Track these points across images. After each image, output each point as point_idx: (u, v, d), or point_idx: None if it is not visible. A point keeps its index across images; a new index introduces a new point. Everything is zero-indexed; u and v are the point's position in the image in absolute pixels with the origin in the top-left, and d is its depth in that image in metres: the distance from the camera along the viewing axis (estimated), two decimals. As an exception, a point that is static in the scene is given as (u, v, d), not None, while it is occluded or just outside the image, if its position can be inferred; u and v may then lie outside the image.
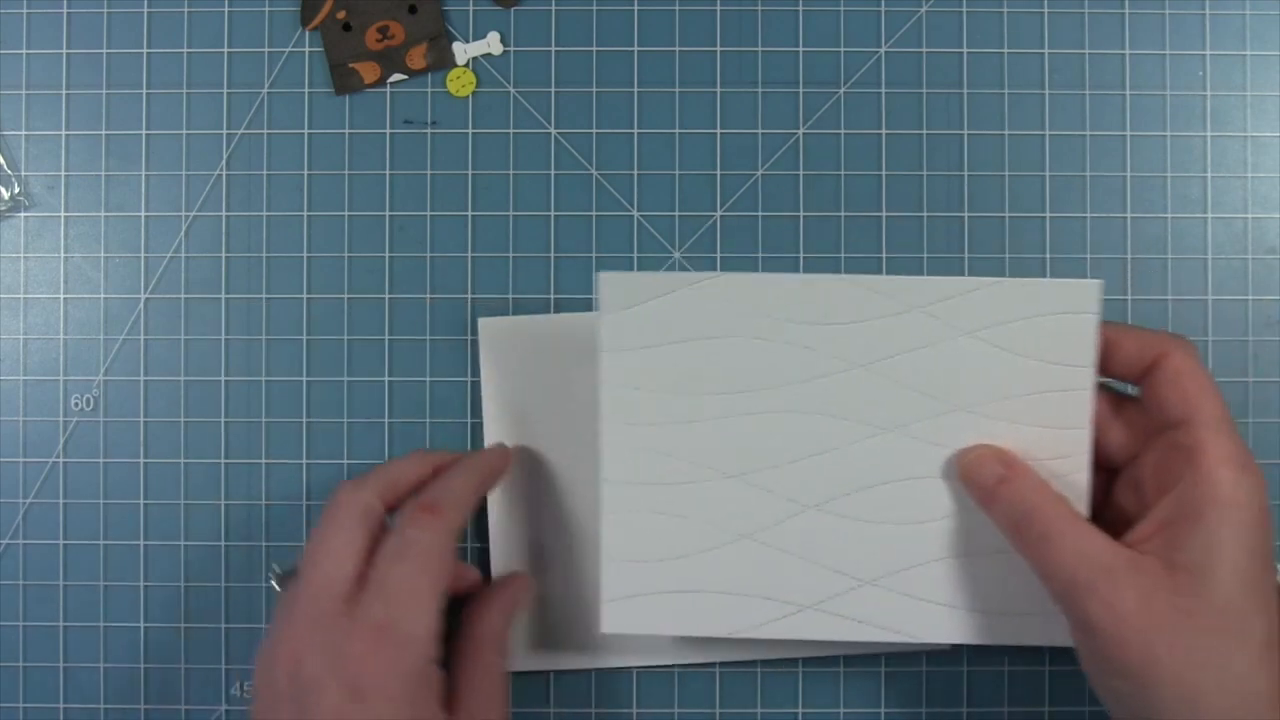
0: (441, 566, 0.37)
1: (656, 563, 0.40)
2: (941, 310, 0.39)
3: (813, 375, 0.40)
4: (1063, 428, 0.39)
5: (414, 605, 0.36)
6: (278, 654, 0.36)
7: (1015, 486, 0.38)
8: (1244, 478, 0.35)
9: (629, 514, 0.40)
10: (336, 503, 0.38)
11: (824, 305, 0.39)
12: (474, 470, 0.40)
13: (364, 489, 0.38)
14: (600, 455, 0.40)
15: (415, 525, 0.37)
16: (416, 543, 0.37)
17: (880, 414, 0.40)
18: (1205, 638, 0.34)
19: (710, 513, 0.40)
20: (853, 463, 0.40)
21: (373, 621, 0.36)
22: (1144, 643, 0.34)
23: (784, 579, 0.40)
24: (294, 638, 0.36)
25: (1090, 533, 0.36)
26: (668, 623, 0.41)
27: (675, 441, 0.40)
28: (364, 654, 0.35)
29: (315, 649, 0.36)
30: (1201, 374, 0.37)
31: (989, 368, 0.39)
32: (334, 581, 0.37)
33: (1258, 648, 0.34)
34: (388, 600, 0.36)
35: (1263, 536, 0.35)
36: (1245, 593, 0.34)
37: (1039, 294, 0.39)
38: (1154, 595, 0.35)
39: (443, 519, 0.38)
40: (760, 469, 0.40)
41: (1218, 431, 0.36)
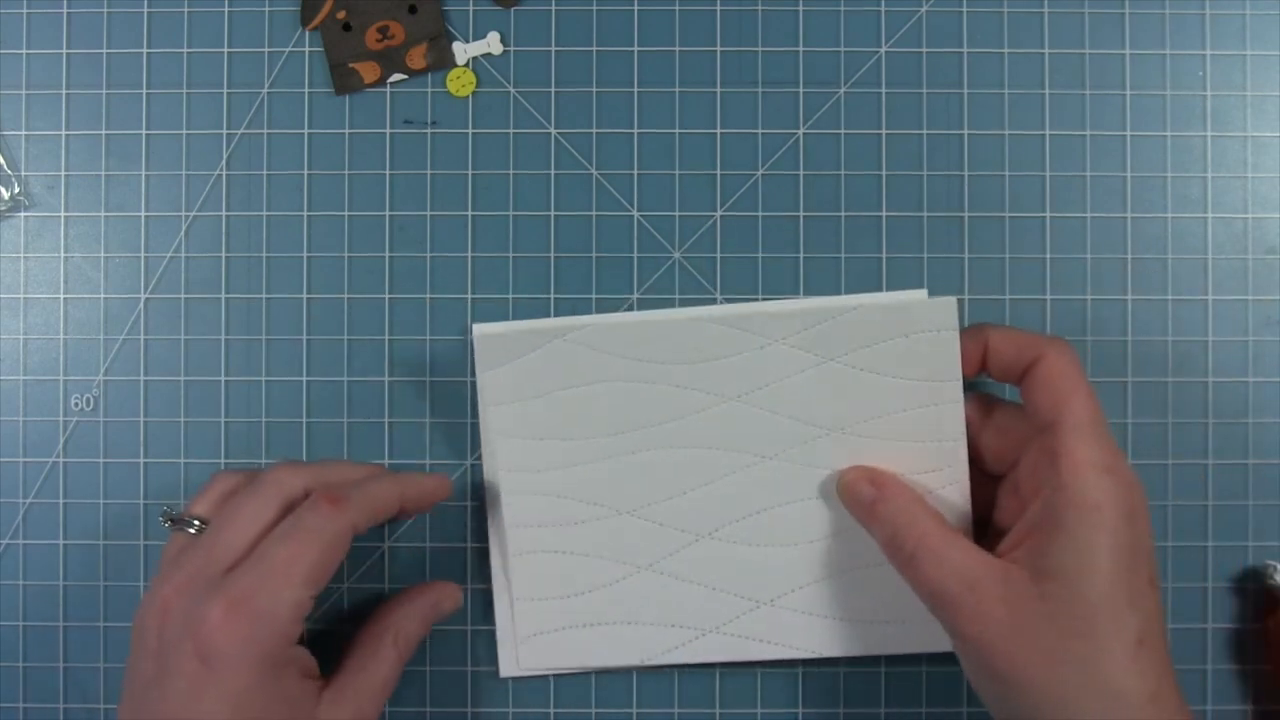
0: (324, 556, 0.37)
1: (563, 599, 0.42)
2: (804, 341, 0.41)
3: (689, 411, 0.42)
4: (937, 441, 0.41)
5: (282, 584, 0.36)
6: (150, 608, 0.37)
7: (885, 507, 0.39)
8: (1106, 480, 0.35)
9: (534, 555, 0.42)
10: (266, 479, 0.38)
11: (691, 344, 0.41)
12: (400, 482, 0.40)
13: (299, 475, 0.39)
14: (500, 502, 0.42)
15: (312, 510, 0.37)
16: (306, 527, 0.37)
17: (759, 442, 0.42)
18: (1071, 641, 0.35)
19: (609, 548, 0.42)
20: (738, 491, 0.42)
21: (235, 592, 0.36)
22: (1011, 649, 0.35)
23: (684, 606, 0.42)
24: (168, 595, 0.36)
25: (958, 546, 0.37)
26: (579, 656, 0.43)
27: (568, 483, 0.42)
28: (218, 622, 0.35)
29: (182, 610, 0.36)
30: (1072, 376, 0.37)
31: (859, 389, 0.41)
32: (224, 549, 0.37)
33: (1128, 648, 0.34)
34: (259, 575, 0.36)
35: (1131, 537, 0.35)
36: (1112, 595, 0.35)
37: (898, 315, 0.40)
38: (1020, 603, 0.35)
39: (343, 512, 0.37)
40: (652, 503, 0.42)
41: (1081, 434, 0.36)
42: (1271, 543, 0.44)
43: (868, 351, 0.41)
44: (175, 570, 0.37)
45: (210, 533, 0.37)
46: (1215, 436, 0.43)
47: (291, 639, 0.36)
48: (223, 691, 0.35)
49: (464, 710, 0.44)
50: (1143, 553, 0.36)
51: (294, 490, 0.38)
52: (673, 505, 0.42)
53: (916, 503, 0.39)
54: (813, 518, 0.42)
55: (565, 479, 0.42)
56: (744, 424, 0.41)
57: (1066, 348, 0.37)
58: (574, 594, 0.42)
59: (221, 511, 0.38)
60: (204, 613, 0.35)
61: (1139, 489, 0.36)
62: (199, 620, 0.35)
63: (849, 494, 0.40)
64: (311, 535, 0.36)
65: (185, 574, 0.37)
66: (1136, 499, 0.36)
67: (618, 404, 0.42)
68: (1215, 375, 0.43)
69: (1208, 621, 0.44)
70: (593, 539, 0.42)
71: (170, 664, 0.35)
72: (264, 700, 0.35)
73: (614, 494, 0.42)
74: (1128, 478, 0.36)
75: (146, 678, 0.36)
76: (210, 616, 0.35)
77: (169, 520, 0.39)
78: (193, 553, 0.37)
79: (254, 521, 0.37)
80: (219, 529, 0.37)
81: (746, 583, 0.42)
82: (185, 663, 0.35)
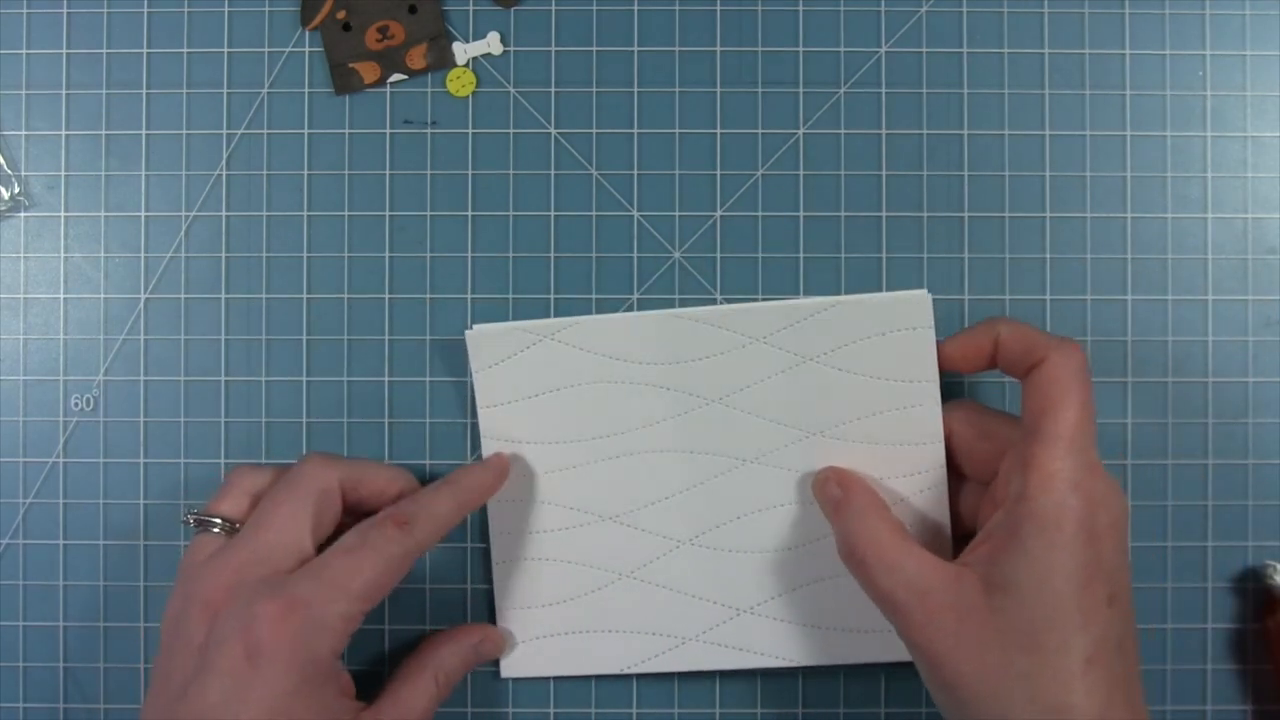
0: (384, 575, 0.37)
1: (546, 607, 0.42)
2: (784, 339, 0.41)
3: (673, 413, 0.42)
4: (916, 443, 0.40)
5: (339, 595, 0.36)
6: (192, 606, 0.36)
7: (846, 510, 0.39)
8: (1071, 496, 0.35)
9: (518, 562, 0.42)
10: (303, 473, 0.39)
11: (675, 344, 0.41)
12: (459, 491, 0.40)
13: (333, 470, 0.39)
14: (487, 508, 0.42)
15: (379, 529, 0.37)
16: (371, 544, 0.37)
17: (741, 446, 0.42)
18: (1016, 655, 0.34)
19: (592, 555, 0.42)
20: (721, 496, 0.42)
21: (291, 595, 0.36)
22: (958, 660, 0.35)
23: (666, 614, 0.42)
24: (215, 595, 0.36)
25: (911, 554, 0.37)
26: (563, 664, 0.43)
27: (552, 489, 0.42)
28: (272, 622, 0.35)
29: (232, 609, 0.36)
30: (1067, 385, 0.36)
31: (838, 390, 0.41)
32: (269, 549, 0.37)
33: (1075, 666, 0.34)
34: (317, 583, 0.36)
35: (1090, 555, 0.34)
36: (1061, 612, 0.34)
37: (872, 313, 0.40)
38: (969, 614, 0.35)
39: (411, 537, 0.38)
40: (635, 509, 0.42)
41: (1055, 446, 0.35)
42: (1271, 543, 0.43)
43: (845, 351, 0.40)
44: (215, 570, 0.37)
45: (249, 532, 0.37)
46: (1215, 436, 0.43)
47: (338, 651, 0.37)
48: (266, 693, 0.35)
49: (464, 710, 0.44)
50: (1102, 572, 0.34)
51: (329, 486, 0.39)
52: (654, 511, 0.42)
53: (874, 509, 0.38)
54: (793, 523, 0.42)
55: (549, 484, 0.42)
56: (726, 426, 0.41)
57: (1073, 353, 0.36)
58: (555, 602, 0.42)
59: (258, 512, 0.38)
60: (257, 612, 0.35)
61: (1111, 506, 0.35)
62: (251, 619, 0.35)
63: (818, 494, 0.41)
64: (375, 554, 0.37)
65: (231, 574, 0.36)
66: (1104, 516, 0.35)
67: (604, 407, 0.42)
68: (1215, 375, 0.43)
69: (1208, 621, 0.44)
70: (574, 546, 0.42)
71: (215, 662, 0.35)
72: (304, 707, 0.35)
73: (596, 499, 0.42)
74: (1097, 494, 0.35)
75: (184, 675, 0.36)
76: (264, 615, 0.35)
77: (196, 521, 0.39)
78: (233, 553, 0.37)
79: (294, 520, 0.37)
80: (260, 529, 0.37)
81: (726, 590, 0.42)
82: (231, 661, 0.35)
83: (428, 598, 0.43)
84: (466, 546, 0.44)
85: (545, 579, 0.42)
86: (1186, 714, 0.43)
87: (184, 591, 0.37)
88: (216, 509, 0.39)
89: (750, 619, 0.42)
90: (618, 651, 0.42)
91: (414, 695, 0.40)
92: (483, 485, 0.41)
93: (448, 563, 0.44)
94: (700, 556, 0.42)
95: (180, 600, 0.37)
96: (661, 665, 0.42)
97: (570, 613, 0.42)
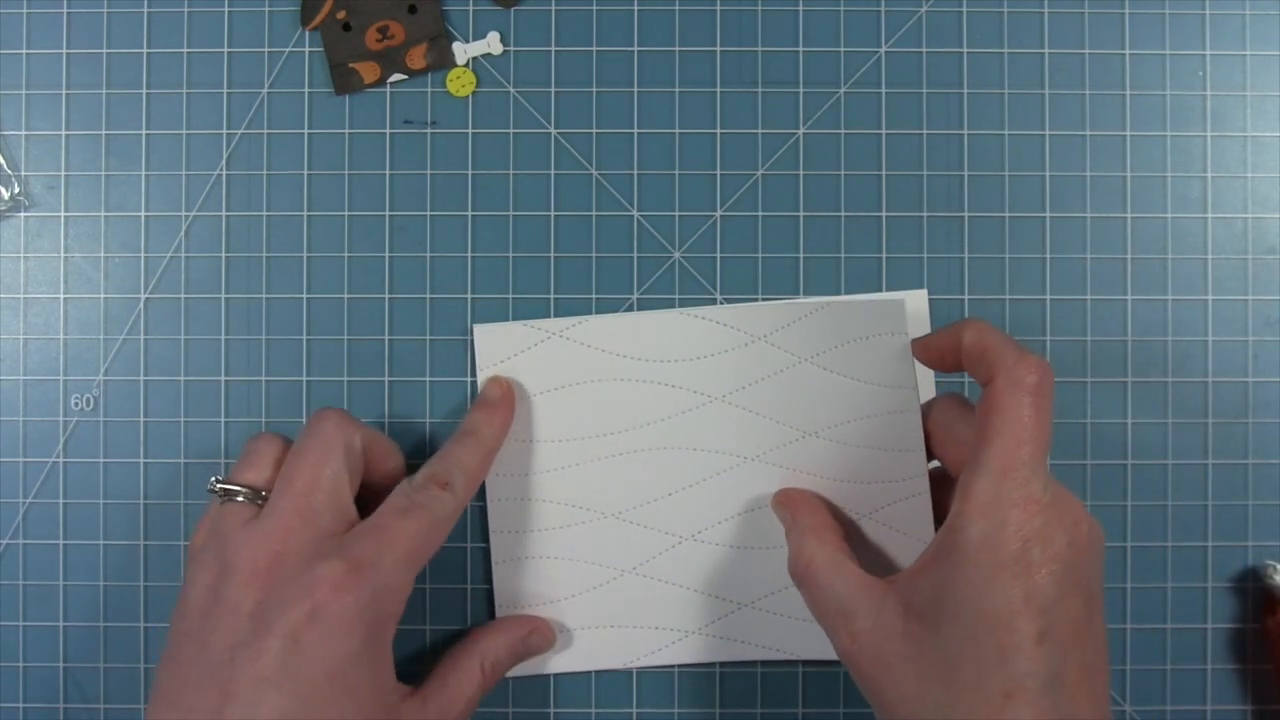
0: (437, 538, 0.38)
1: (547, 605, 0.43)
2: (782, 339, 0.41)
3: (676, 411, 0.42)
4: (899, 449, 0.40)
5: (402, 560, 0.36)
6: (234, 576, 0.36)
7: (790, 532, 0.39)
8: (997, 530, 0.33)
9: (518, 561, 0.43)
10: (328, 431, 0.38)
11: (680, 342, 0.42)
12: (484, 441, 0.41)
13: (355, 429, 0.39)
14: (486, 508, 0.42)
15: (426, 493, 0.38)
16: (425, 508, 0.37)
17: (741, 444, 0.42)
18: (929, 685, 0.33)
19: (593, 553, 0.42)
20: (721, 492, 0.42)
21: (356, 556, 0.36)
22: (880, 685, 0.35)
23: (667, 609, 0.42)
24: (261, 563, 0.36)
25: (841, 575, 0.37)
26: (564, 661, 0.43)
27: (554, 487, 0.42)
28: (339, 582, 0.35)
29: (291, 576, 0.35)
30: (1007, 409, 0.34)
31: (828, 392, 0.41)
32: (319, 514, 0.37)
33: (991, 702, 0.32)
34: (379, 544, 0.36)
35: (1017, 590, 0.33)
36: (978, 646, 0.33)
37: (853, 316, 0.41)
38: (888, 639, 0.35)
39: (455, 497, 0.38)
40: (636, 506, 0.42)
41: (985, 476, 0.34)
42: (1271, 543, 0.44)
43: (834, 354, 0.41)
44: (258, 536, 0.36)
45: (290, 496, 0.37)
46: (1215, 436, 0.43)
47: (397, 616, 0.37)
48: (328, 654, 0.35)
49: (464, 710, 0.44)
50: (1031, 607, 0.33)
51: (354, 445, 0.38)
52: (657, 508, 0.42)
53: (815, 530, 0.38)
54: None
55: (551, 483, 0.42)
56: (727, 425, 0.42)
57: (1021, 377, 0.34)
58: (556, 600, 0.43)
59: (292, 474, 0.37)
60: (321, 574, 0.35)
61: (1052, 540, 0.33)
62: (314, 582, 0.35)
63: (776, 513, 0.41)
64: (428, 514, 0.37)
65: (277, 540, 0.36)
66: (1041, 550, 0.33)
67: (608, 405, 0.42)
68: (1215, 375, 0.43)
69: (1208, 621, 0.44)
70: (576, 543, 0.42)
71: (273, 625, 0.35)
72: (363, 673, 0.35)
73: (597, 497, 0.42)
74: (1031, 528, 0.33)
75: (231, 641, 0.35)
76: (328, 578, 0.35)
77: (223, 489, 0.38)
78: (276, 518, 0.36)
79: (336, 481, 0.37)
80: (302, 492, 0.37)
81: (728, 585, 0.42)
82: (293, 624, 0.34)
83: (428, 598, 0.44)
84: (466, 546, 0.44)
85: (546, 577, 0.42)
86: (1186, 714, 0.43)
87: (220, 561, 0.36)
88: (243, 478, 0.38)
89: (751, 613, 0.42)
90: (619, 647, 0.43)
91: (460, 682, 0.40)
92: (503, 425, 0.41)
93: (448, 562, 0.44)
94: (702, 552, 0.42)
95: (215, 570, 0.36)
96: (663, 659, 0.43)
97: (571, 610, 0.42)
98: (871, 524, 0.41)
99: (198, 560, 0.37)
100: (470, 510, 0.43)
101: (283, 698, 0.34)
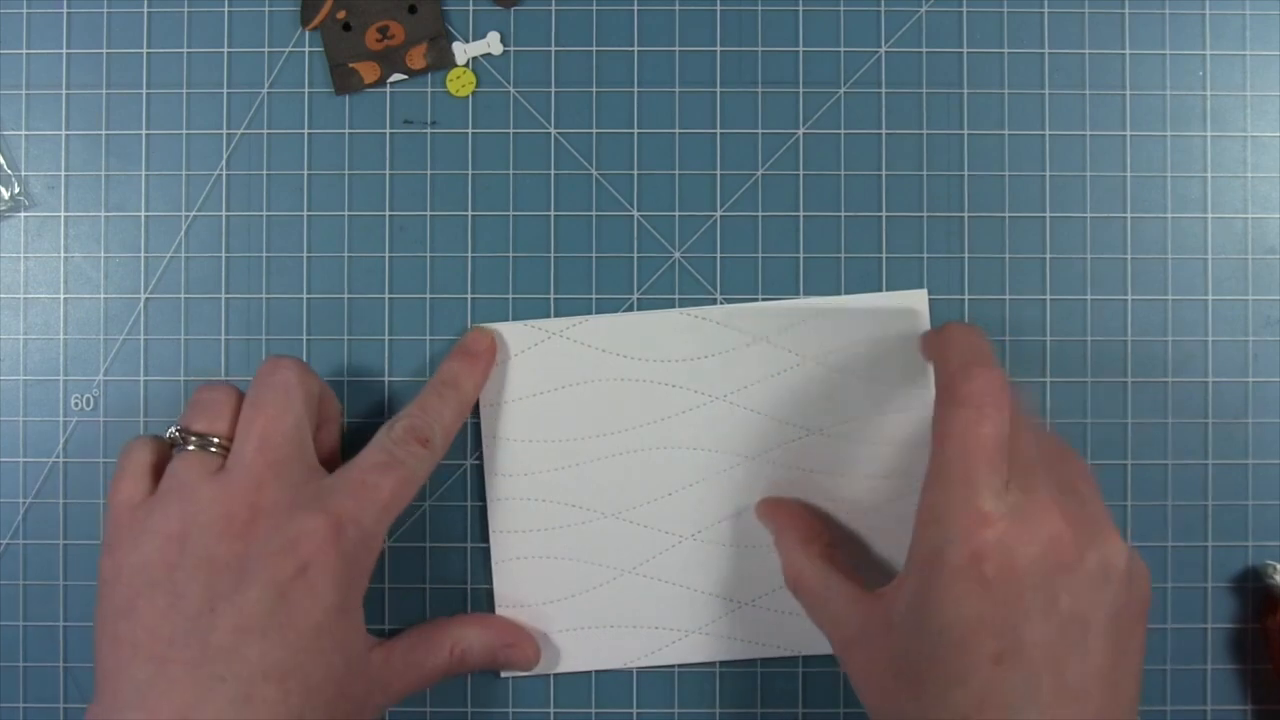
0: (410, 494, 0.38)
1: (547, 605, 0.43)
2: (787, 338, 0.42)
3: (676, 411, 0.42)
4: (910, 445, 0.41)
5: (381, 514, 0.37)
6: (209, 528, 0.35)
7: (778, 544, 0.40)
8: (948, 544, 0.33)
9: (518, 561, 0.42)
10: (288, 381, 0.38)
11: (680, 342, 0.42)
12: (462, 396, 0.41)
13: (312, 379, 0.39)
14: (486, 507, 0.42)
15: (405, 448, 0.38)
16: (404, 465, 0.38)
17: (743, 443, 0.42)
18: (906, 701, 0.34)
19: (592, 552, 0.42)
20: (722, 491, 0.42)
21: (339, 509, 0.36)
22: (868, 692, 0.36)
23: (667, 608, 0.43)
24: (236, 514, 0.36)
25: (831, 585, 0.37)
26: (564, 661, 0.43)
27: (554, 487, 0.42)
28: (322, 533, 0.35)
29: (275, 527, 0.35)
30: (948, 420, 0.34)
31: (836, 390, 0.42)
32: (291, 466, 0.37)
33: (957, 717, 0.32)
34: (360, 500, 0.37)
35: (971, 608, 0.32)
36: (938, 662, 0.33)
37: (870, 314, 0.41)
38: (871, 648, 0.35)
39: (432, 454, 0.39)
40: (636, 505, 0.42)
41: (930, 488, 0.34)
42: (1271, 543, 0.43)
43: (843, 352, 0.41)
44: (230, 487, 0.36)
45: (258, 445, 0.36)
46: (1215, 436, 0.43)
47: (371, 568, 0.37)
48: (313, 606, 0.35)
49: (464, 710, 0.44)
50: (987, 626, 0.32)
51: (312, 394, 0.38)
52: (657, 507, 0.42)
53: (801, 542, 0.39)
54: None
55: (551, 483, 0.42)
56: (728, 424, 0.42)
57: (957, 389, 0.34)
58: (556, 599, 0.43)
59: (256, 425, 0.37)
60: (307, 527, 0.35)
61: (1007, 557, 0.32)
62: (299, 534, 0.35)
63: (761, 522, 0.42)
64: (406, 470, 0.38)
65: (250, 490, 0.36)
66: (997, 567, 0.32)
67: (608, 404, 0.42)
68: (1215, 375, 0.43)
69: (1208, 621, 0.44)
70: (576, 543, 0.42)
71: (257, 575, 0.35)
72: (345, 624, 0.36)
73: (599, 497, 0.42)
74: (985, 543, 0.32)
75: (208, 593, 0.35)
76: (313, 531, 0.35)
77: (184, 439, 0.37)
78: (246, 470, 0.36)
79: (301, 431, 0.37)
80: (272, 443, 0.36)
81: (728, 584, 0.42)
82: (278, 574, 0.35)
83: (428, 598, 0.43)
84: (466, 546, 0.44)
85: (546, 577, 0.42)
86: (1187, 714, 0.43)
87: (183, 512, 0.36)
88: (195, 426, 0.37)
89: (751, 611, 0.42)
90: (619, 647, 0.43)
91: (426, 654, 0.40)
92: (483, 378, 0.42)
93: (448, 562, 0.44)
94: (702, 551, 0.42)
95: (178, 520, 0.36)
96: (664, 658, 0.43)
97: (571, 609, 0.42)
98: (879, 518, 0.41)
99: (149, 510, 0.36)
100: (470, 510, 0.43)
101: (270, 647, 0.34)
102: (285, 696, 0.34)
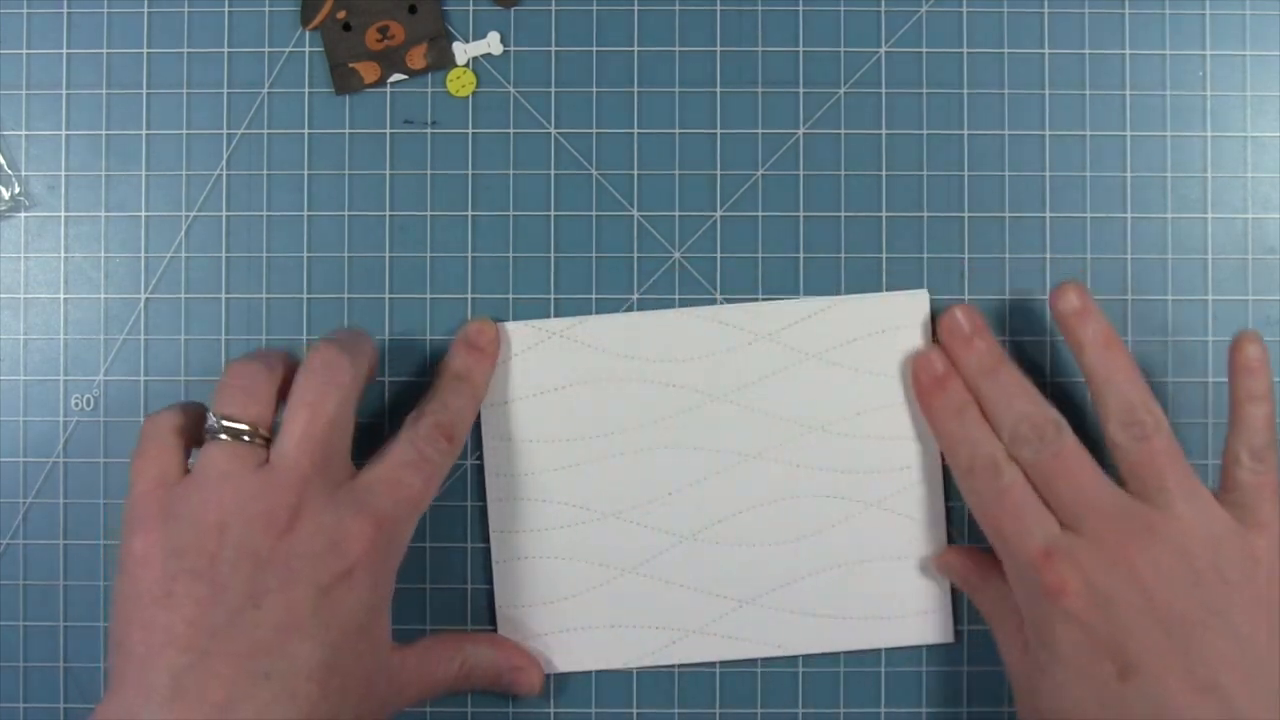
0: (436, 490, 0.39)
1: (547, 605, 0.43)
2: (788, 337, 0.42)
3: (677, 411, 0.42)
4: (913, 440, 0.42)
5: (413, 513, 0.38)
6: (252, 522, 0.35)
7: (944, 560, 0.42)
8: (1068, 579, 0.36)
9: (518, 561, 0.42)
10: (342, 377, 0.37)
11: (681, 341, 0.42)
12: (478, 389, 0.41)
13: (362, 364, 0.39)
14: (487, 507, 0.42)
15: (433, 446, 0.39)
16: (431, 462, 0.39)
17: (742, 442, 0.42)
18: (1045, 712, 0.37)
19: (592, 553, 0.42)
20: (722, 491, 0.42)
21: (378, 511, 0.37)
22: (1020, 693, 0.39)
23: (668, 608, 0.43)
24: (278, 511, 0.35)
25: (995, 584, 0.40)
26: (564, 660, 0.43)
27: (553, 488, 0.42)
28: (366, 535, 0.36)
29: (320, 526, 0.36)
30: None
31: (836, 387, 0.42)
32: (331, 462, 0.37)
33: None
34: (396, 500, 0.37)
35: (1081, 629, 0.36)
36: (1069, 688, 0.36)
37: (871, 311, 0.42)
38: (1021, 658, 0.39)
39: (455, 448, 0.39)
40: (636, 506, 0.42)
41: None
42: (1271, 543, 0.43)
43: (845, 349, 0.41)
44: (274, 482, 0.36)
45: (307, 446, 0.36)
46: (1215, 436, 0.43)
47: (398, 568, 0.38)
48: (356, 605, 0.36)
49: (464, 710, 0.44)
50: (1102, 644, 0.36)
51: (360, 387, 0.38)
52: (657, 507, 0.42)
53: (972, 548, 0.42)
54: (794, 516, 0.42)
55: (551, 483, 0.42)
56: (729, 423, 0.42)
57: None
58: (557, 599, 0.42)
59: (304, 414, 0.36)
60: (351, 529, 0.36)
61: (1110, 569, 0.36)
62: (344, 535, 0.36)
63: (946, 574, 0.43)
64: (434, 467, 0.39)
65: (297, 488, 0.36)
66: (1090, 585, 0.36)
67: (608, 405, 0.42)
68: (1215, 375, 0.43)
69: (1208, 621, 0.43)
70: (575, 543, 0.42)
71: (303, 573, 0.35)
72: (379, 623, 0.37)
73: (598, 496, 0.42)
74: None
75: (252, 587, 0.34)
76: (358, 533, 0.36)
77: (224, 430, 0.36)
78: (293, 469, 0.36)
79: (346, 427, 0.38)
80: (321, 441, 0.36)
81: (729, 583, 0.42)
82: (325, 574, 0.35)
83: (428, 597, 0.43)
84: (467, 546, 0.44)
85: (546, 577, 0.42)
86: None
87: (222, 502, 0.35)
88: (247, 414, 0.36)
89: (752, 610, 0.42)
90: (620, 647, 0.43)
91: (437, 665, 0.40)
92: (491, 370, 0.42)
93: (448, 562, 0.44)
94: (703, 551, 0.42)
95: (219, 511, 0.35)
96: (664, 658, 0.43)
97: (571, 610, 0.42)
98: (880, 512, 0.42)
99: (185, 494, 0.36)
100: (470, 510, 0.43)
101: (315, 647, 0.35)
102: (325, 695, 0.35)
